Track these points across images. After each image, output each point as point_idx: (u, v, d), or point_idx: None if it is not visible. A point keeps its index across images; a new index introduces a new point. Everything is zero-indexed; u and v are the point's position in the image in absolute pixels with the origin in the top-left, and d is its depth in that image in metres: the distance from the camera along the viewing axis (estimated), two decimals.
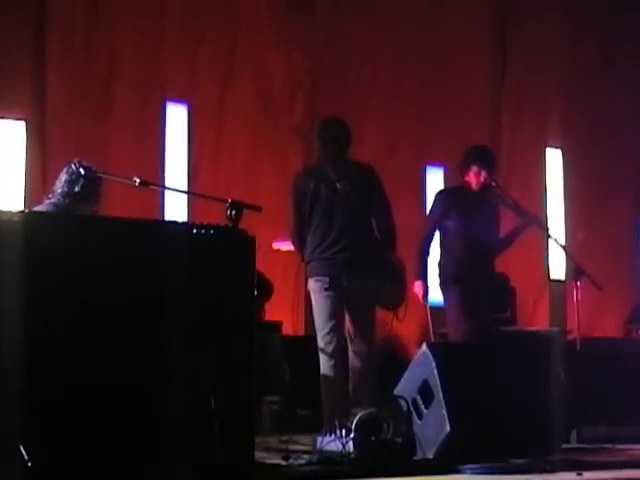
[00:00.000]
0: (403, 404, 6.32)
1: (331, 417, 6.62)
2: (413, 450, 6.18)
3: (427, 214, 8.12)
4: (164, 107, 9.36)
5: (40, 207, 6.48)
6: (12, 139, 8.51)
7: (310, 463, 5.84)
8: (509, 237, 7.98)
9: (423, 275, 7.69)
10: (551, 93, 11.45)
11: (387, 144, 10.51)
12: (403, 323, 7.87)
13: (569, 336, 9.45)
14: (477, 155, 7.86)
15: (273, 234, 8.73)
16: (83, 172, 6.30)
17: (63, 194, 6.36)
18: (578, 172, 11.48)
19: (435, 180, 10.61)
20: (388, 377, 7.05)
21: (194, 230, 5.44)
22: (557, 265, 11.00)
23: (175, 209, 8.83)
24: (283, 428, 7.65)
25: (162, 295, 5.12)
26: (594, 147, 11.55)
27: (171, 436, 4.97)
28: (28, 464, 4.59)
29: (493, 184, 7.85)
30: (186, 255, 5.22)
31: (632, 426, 7.47)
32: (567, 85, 11.56)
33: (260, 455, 5.81)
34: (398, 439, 6.19)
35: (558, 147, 11.53)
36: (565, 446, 6.87)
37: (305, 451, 6.23)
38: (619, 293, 10.95)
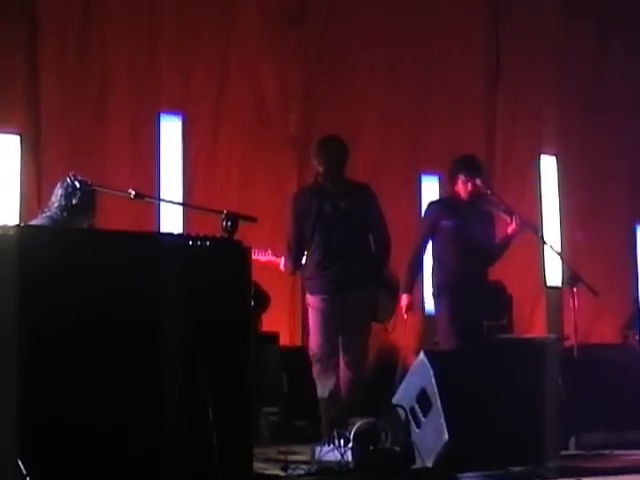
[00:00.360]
0: (401, 413, 6.33)
1: (329, 428, 6.67)
2: (412, 459, 6.19)
3: (419, 226, 8.13)
4: (158, 119, 9.35)
5: (36, 221, 6.48)
6: (7, 153, 8.50)
7: (309, 473, 5.86)
8: (503, 242, 7.98)
9: (409, 288, 7.73)
10: (545, 100, 11.47)
11: (382, 153, 10.52)
12: (401, 332, 7.93)
13: (566, 343, 9.46)
14: (463, 164, 7.91)
15: (268, 244, 8.73)
16: (79, 185, 6.30)
17: (60, 207, 6.35)
18: (573, 178, 11.49)
19: (430, 188, 10.62)
20: (386, 386, 7.08)
21: (190, 242, 5.44)
22: (553, 272, 11.00)
23: (171, 221, 8.82)
24: (281, 439, 7.64)
25: (159, 307, 5.12)
26: (589, 154, 11.57)
27: (170, 448, 4.97)
28: (26, 479, 4.59)
29: (484, 191, 7.88)
30: (182, 267, 5.22)
31: (630, 432, 7.48)
32: (561, 92, 11.58)
33: (259, 466, 5.81)
34: (397, 448, 6.20)
35: (553, 154, 11.54)
36: (564, 453, 6.88)
37: (304, 461, 6.24)
38: (616, 299, 10.96)
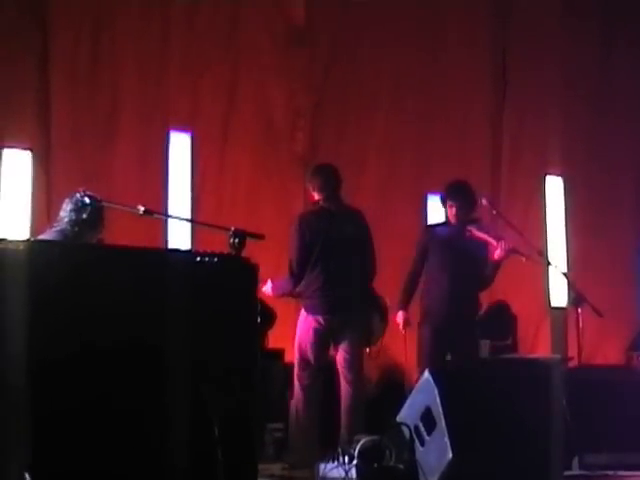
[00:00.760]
0: (405, 431, 6.32)
1: (298, 451, 7.04)
2: (415, 477, 6.18)
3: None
4: (167, 136, 9.38)
5: (46, 235, 6.50)
6: (18, 168, 8.53)
7: None
8: (491, 267, 8.01)
9: (405, 305, 7.95)
10: (551, 121, 11.48)
11: (388, 172, 10.55)
12: (405, 349, 7.99)
13: (570, 363, 9.44)
14: (450, 192, 8.05)
15: (275, 261, 8.75)
16: (88, 201, 6.33)
17: (71, 222, 6.38)
18: (579, 199, 11.49)
19: (435, 207, 10.62)
20: (390, 404, 7.08)
21: (197, 258, 5.45)
22: (558, 292, 11.00)
23: (179, 237, 8.84)
24: (286, 455, 7.62)
25: (166, 323, 5.13)
26: (594, 174, 11.58)
27: (176, 464, 4.97)
28: None
29: (475, 217, 7.98)
30: (190, 283, 5.23)
31: (633, 453, 7.47)
32: (567, 113, 11.60)
33: None
34: (400, 466, 6.19)
35: (558, 175, 11.55)
36: (567, 473, 6.87)
37: (308, 478, 6.23)
38: (620, 320, 10.94)
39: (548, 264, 9.27)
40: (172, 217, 8.66)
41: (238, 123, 9.84)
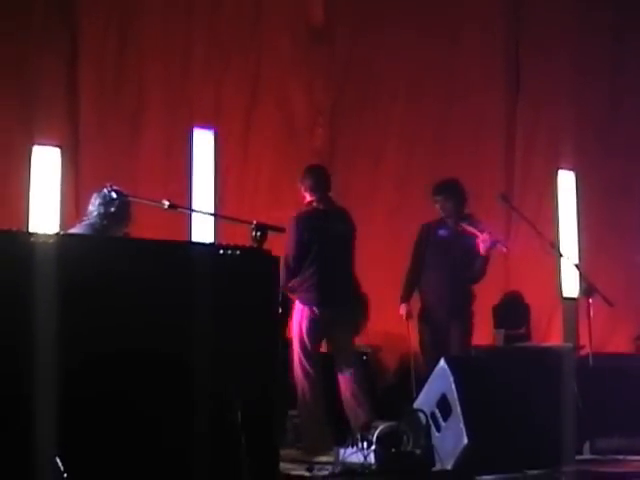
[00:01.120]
0: (422, 417, 6.34)
1: (311, 438, 7.10)
2: (432, 461, 6.20)
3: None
4: (191, 133, 9.40)
5: (76, 229, 6.54)
6: (48, 164, 8.57)
7: (333, 474, 5.87)
8: (481, 260, 8.06)
9: (407, 298, 8.15)
10: (563, 117, 11.44)
11: (405, 166, 10.54)
12: (412, 338, 8.07)
13: (582, 352, 9.43)
14: (435, 189, 8.19)
15: None
16: (115, 195, 6.36)
17: (100, 216, 6.42)
18: (590, 193, 11.45)
19: None
20: (408, 392, 7.11)
21: (221, 251, 5.47)
22: (570, 283, 10.98)
23: (202, 230, 8.86)
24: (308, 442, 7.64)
25: (190, 313, 5.15)
26: (606, 169, 11.54)
27: (201, 450, 4.99)
28: (64, 475, 4.62)
29: (464, 214, 8.09)
30: (213, 275, 5.25)
31: None
32: (579, 109, 11.56)
33: (285, 467, 5.84)
34: (417, 451, 6.21)
35: (570, 169, 11.52)
36: (578, 457, 6.87)
37: (328, 463, 6.25)
38: (630, 309, 10.92)
39: (560, 256, 9.26)
40: (196, 211, 8.68)
41: (260, 120, 9.85)
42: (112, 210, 6.42)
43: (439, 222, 8.16)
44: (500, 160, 11.12)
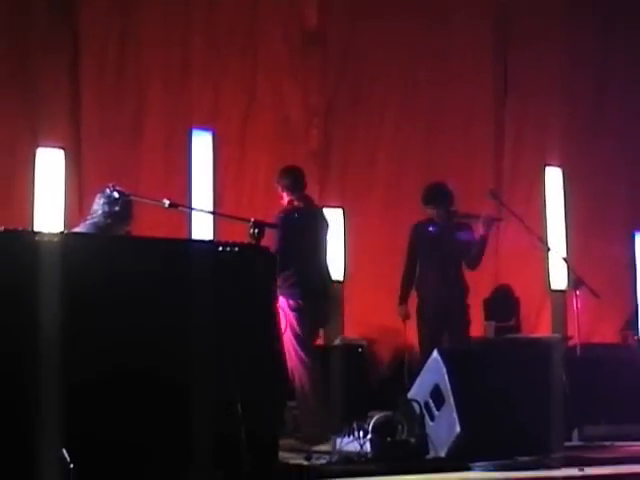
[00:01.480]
0: (416, 407, 6.35)
1: (309, 428, 7.12)
2: (426, 450, 6.21)
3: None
4: (190, 134, 9.40)
5: (80, 228, 6.53)
6: (52, 166, 8.57)
7: (330, 463, 5.87)
8: (480, 243, 8.09)
9: (403, 300, 8.15)
10: (550, 115, 11.44)
11: (397, 165, 10.54)
12: (415, 332, 8.04)
13: (570, 342, 9.45)
14: (424, 199, 8.19)
15: None
16: (117, 195, 6.36)
17: (104, 214, 6.41)
18: (576, 188, 11.45)
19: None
20: (402, 383, 7.11)
21: (220, 248, 5.48)
22: (558, 276, 10.99)
23: (202, 228, 8.85)
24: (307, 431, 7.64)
25: (191, 308, 5.15)
26: (591, 165, 11.53)
27: (203, 440, 4.99)
28: (70, 466, 4.62)
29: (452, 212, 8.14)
30: (213, 270, 5.25)
31: (629, 425, 7.49)
32: (566, 107, 11.56)
33: (284, 455, 5.84)
34: (412, 440, 6.21)
35: (558, 165, 11.52)
36: (567, 444, 6.88)
37: (325, 451, 6.25)
38: (616, 301, 10.92)
39: (548, 250, 9.27)
40: (195, 210, 8.68)
41: (256, 121, 9.85)
42: (116, 209, 6.41)
43: (429, 220, 8.17)
44: (490, 157, 11.13)
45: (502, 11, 11.36)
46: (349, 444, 6.12)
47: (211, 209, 9.08)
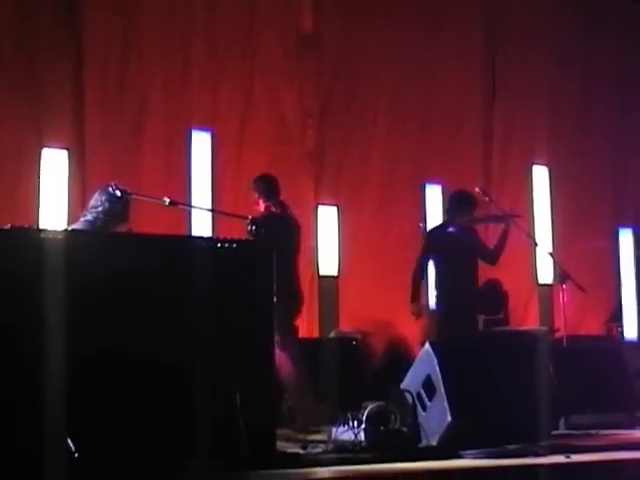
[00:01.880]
0: (409, 397, 6.35)
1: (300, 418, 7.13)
2: (418, 438, 6.21)
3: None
4: (190, 135, 9.39)
5: (77, 225, 6.49)
6: (56, 166, 8.56)
7: (326, 451, 5.87)
8: (499, 244, 8.12)
9: (415, 298, 8.19)
10: (537, 116, 11.45)
11: (390, 164, 10.53)
12: (407, 326, 8.05)
13: (556, 334, 9.46)
14: (470, 201, 8.29)
15: None
16: (120, 194, 6.33)
17: (104, 211, 6.35)
18: (562, 186, 11.47)
19: (433, 195, 10.65)
20: (395, 374, 7.11)
21: (218, 244, 5.48)
22: (544, 271, 11.00)
23: (201, 225, 8.85)
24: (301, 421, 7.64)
25: (191, 302, 5.15)
26: (577, 164, 11.55)
27: (203, 430, 4.99)
28: (75, 454, 4.62)
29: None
30: (212, 266, 5.25)
31: (614, 413, 7.50)
32: (552, 108, 11.57)
33: (281, 445, 5.84)
34: (405, 429, 6.21)
35: (544, 164, 11.53)
36: (554, 432, 6.89)
37: (321, 441, 6.25)
38: (601, 295, 10.94)
39: (535, 245, 9.27)
40: (195, 207, 8.67)
41: (254, 122, 9.84)
42: (116, 208, 6.36)
43: (443, 226, 8.24)
44: (479, 156, 11.13)
45: (491, 16, 11.37)
46: (344, 433, 6.12)
47: (210, 207, 9.07)
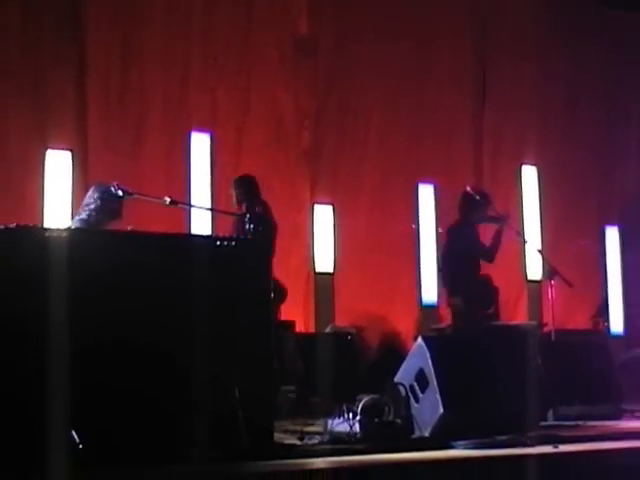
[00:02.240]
0: (402, 390, 6.34)
1: None
2: (411, 430, 6.21)
3: None
4: (190, 136, 9.39)
5: (72, 223, 6.46)
6: (60, 166, 8.57)
7: (322, 442, 5.87)
8: (495, 242, 8.16)
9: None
10: (527, 117, 11.45)
11: (384, 165, 10.54)
12: (400, 321, 8.04)
13: (545, 328, 9.45)
14: (487, 197, 8.53)
15: (285, 244, 8.79)
16: (121, 193, 6.31)
17: (96, 209, 6.28)
18: (551, 186, 11.48)
19: (426, 194, 10.66)
20: (389, 367, 7.12)
21: (217, 242, 5.48)
22: (534, 267, 11.01)
23: (200, 224, 8.85)
24: (297, 413, 7.65)
25: (190, 298, 5.14)
26: (564, 165, 11.56)
27: (203, 422, 4.99)
28: (79, 446, 4.62)
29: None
30: (211, 263, 5.25)
31: (600, 405, 7.51)
32: (541, 111, 11.57)
33: (279, 436, 5.84)
34: (398, 420, 6.20)
35: (533, 164, 11.55)
36: (543, 423, 6.89)
37: (317, 432, 6.25)
38: (587, 291, 10.96)
39: (525, 242, 9.28)
40: (194, 206, 8.67)
41: (251, 124, 9.84)
42: (109, 205, 6.28)
43: (462, 223, 8.33)
44: (470, 156, 11.13)
45: (481, 30, 11.39)
46: (339, 425, 6.11)
47: (209, 206, 9.07)
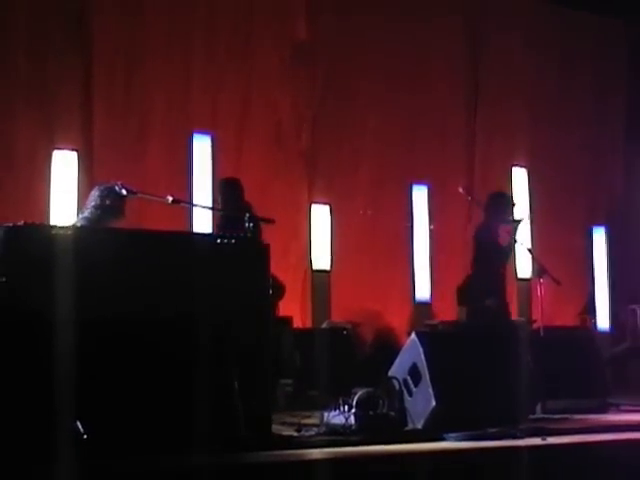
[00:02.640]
0: (396, 384, 6.36)
1: None
2: (404, 422, 6.22)
3: None
4: (191, 138, 9.39)
5: (76, 222, 6.43)
6: (66, 166, 8.57)
7: (318, 434, 5.87)
8: (511, 243, 8.36)
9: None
10: (517, 121, 11.46)
11: (379, 166, 10.53)
12: (395, 317, 8.03)
13: (534, 325, 9.45)
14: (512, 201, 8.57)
15: (283, 244, 8.80)
16: (125, 192, 6.26)
17: (97, 207, 6.16)
18: (540, 187, 11.49)
19: (419, 195, 10.66)
20: (383, 362, 7.12)
21: (218, 240, 5.47)
22: (523, 266, 11.01)
23: (201, 223, 8.84)
24: (295, 406, 7.65)
25: (192, 295, 5.14)
26: (553, 167, 11.57)
27: (202, 415, 4.99)
28: (84, 437, 4.61)
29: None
30: (211, 260, 5.25)
31: (587, 399, 7.53)
32: (531, 115, 11.58)
33: (277, 428, 5.84)
34: (392, 413, 6.22)
35: (523, 166, 11.55)
36: (532, 416, 6.91)
37: (314, 424, 6.25)
38: (575, 288, 10.98)
39: (515, 242, 9.25)
40: (196, 205, 8.66)
41: (251, 126, 9.84)
42: (110, 204, 6.20)
43: (488, 226, 8.29)
44: (462, 159, 11.14)
45: (474, 36, 11.39)
46: (335, 417, 6.12)
47: (210, 205, 9.06)
